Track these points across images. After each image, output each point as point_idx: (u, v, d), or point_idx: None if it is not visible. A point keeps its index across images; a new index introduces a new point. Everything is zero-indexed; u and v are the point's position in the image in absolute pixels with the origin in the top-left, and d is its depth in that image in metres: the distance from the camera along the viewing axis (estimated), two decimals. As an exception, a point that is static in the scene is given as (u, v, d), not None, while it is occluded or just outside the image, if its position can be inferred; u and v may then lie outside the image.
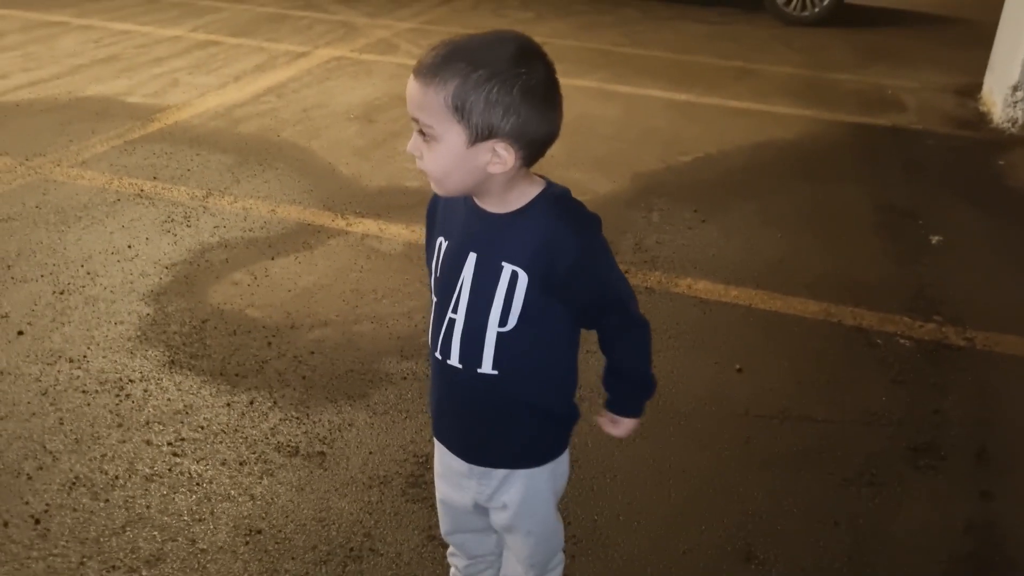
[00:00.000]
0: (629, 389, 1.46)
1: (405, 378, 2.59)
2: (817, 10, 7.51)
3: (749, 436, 2.42)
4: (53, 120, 4.54)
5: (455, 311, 1.29)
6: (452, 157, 1.17)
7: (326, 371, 2.62)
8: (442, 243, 1.33)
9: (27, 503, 2.07)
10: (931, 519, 2.15)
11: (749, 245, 3.53)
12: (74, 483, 2.14)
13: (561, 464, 1.48)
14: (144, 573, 1.90)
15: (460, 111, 1.14)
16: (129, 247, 3.28)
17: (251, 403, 2.46)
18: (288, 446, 2.30)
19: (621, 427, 1.47)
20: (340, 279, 3.14)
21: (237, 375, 2.57)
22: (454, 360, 1.32)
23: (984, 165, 4.56)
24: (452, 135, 1.16)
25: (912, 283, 3.29)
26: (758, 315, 3.03)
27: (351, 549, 1.99)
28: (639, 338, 1.40)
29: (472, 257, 1.27)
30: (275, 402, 2.47)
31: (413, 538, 2.02)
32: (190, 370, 2.59)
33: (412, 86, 1.17)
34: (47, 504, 2.07)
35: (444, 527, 1.64)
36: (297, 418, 2.41)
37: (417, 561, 1.96)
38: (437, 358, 1.35)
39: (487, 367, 1.30)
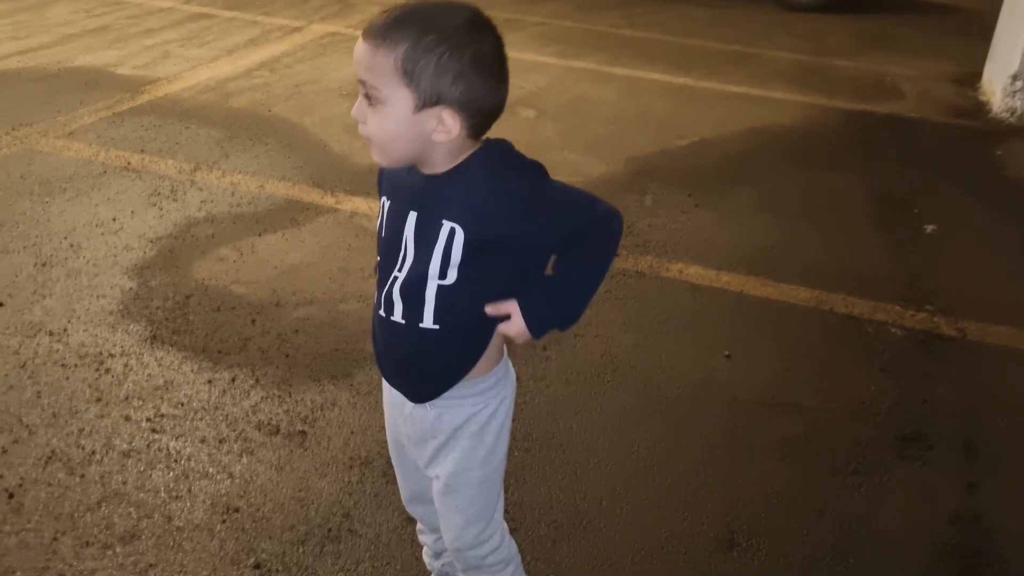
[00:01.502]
0: (557, 284, 1.29)
1: (390, 358, 2.56)
2: (818, -4, 7.45)
3: (736, 423, 2.40)
4: (41, 90, 4.47)
5: (400, 269, 1.28)
6: (397, 122, 1.16)
7: (310, 350, 2.58)
8: (385, 203, 1.32)
9: (1, 477, 2.04)
10: (917, 510, 2.13)
11: (743, 231, 3.50)
12: (50, 457, 2.11)
13: (497, 450, 1.43)
14: (118, 549, 1.87)
15: (409, 75, 1.12)
16: (114, 220, 3.24)
17: (233, 380, 2.43)
18: (269, 424, 2.27)
19: (511, 326, 1.29)
20: (327, 257, 3.10)
21: (219, 352, 2.54)
22: (397, 316, 1.30)
23: (981, 155, 4.53)
24: (399, 99, 1.14)
25: (905, 272, 3.26)
26: (749, 301, 3.00)
27: (329, 529, 1.96)
28: (603, 241, 1.31)
29: (412, 216, 1.25)
30: (257, 380, 2.43)
31: (392, 519, 1.99)
32: (172, 346, 2.55)
33: (360, 47, 1.15)
34: (21, 478, 2.04)
35: (403, 492, 1.63)
36: (279, 396, 2.38)
37: (396, 542, 1.94)
38: (381, 315, 1.34)
39: (428, 322, 1.28)
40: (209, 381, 2.42)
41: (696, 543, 1.99)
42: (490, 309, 1.29)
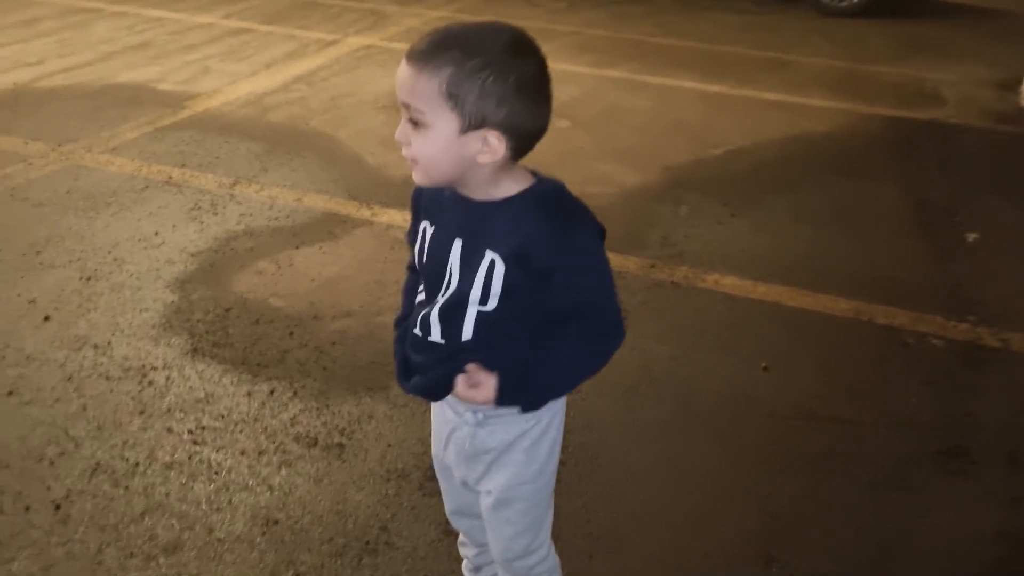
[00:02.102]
0: (537, 370, 1.30)
1: (426, 370, 2.58)
2: (855, 0, 7.37)
3: (773, 437, 2.38)
4: (85, 106, 4.58)
5: (443, 294, 1.30)
6: (442, 144, 1.16)
7: (347, 362, 2.61)
8: (427, 229, 1.32)
9: (49, 488, 2.09)
10: (959, 526, 2.10)
11: (779, 241, 3.47)
12: (95, 469, 2.15)
13: (549, 463, 1.45)
14: (161, 561, 1.91)
15: (454, 98, 1.13)
16: (156, 234, 3.30)
17: (271, 393, 2.46)
18: (307, 437, 2.30)
19: (481, 390, 1.28)
20: (364, 269, 3.13)
21: (258, 364, 2.58)
22: (435, 336, 1.32)
23: (1025, 161, 4.45)
24: (443, 122, 1.15)
25: (946, 282, 3.21)
26: (786, 312, 2.98)
27: (367, 542, 1.98)
28: (599, 340, 1.31)
29: (458, 243, 1.26)
30: (295, 392, 2.47)
31: (429, 532, 2.01)
32: (212, 358, 2.60)
33: (404, 71, 1.15)
34: (68, 490, 2.09)
35: (447, 505, 1.65)
36: (317, 409, 2.41)
37: (433, 555, 1.95)
38: (416, 334, 1.35)
39: (467, 337, 1.30)
40: (248, 393, 2.46)
41: (734, 559, 1.98)
42: (463, 378, 1.29)
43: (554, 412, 1.42)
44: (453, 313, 1.29)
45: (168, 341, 2.67)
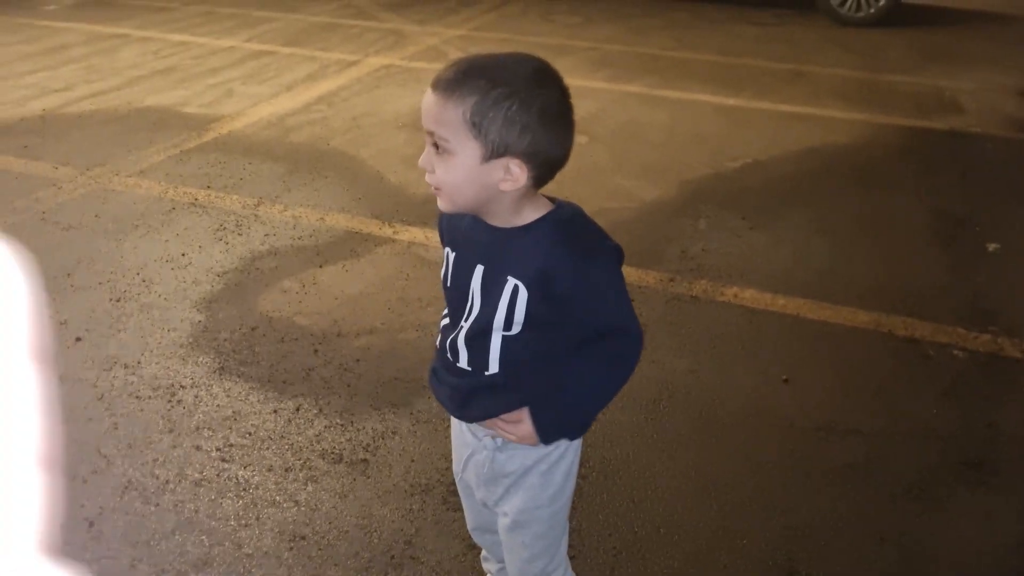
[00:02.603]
0: (568, 399, 1.34)
1: (448, 386, 2.61)
2: (872, 10, 7.37)
3: (794, 449, 2.39)
4: (113, 131, 4.68)
5: (466, 320, 1.33)
6: (465, 172, 1.19)
7: (371, 379, 2.65)
8: (450, 255, 1.36)
9: (82, 506, 2.14)
10: (982, 537, 2.10)
11: (798, 253, 3.48)
12: (127, 487, 2.21)
13: (565, 488, 1.47)
14: (192, 576, 1.95)
15: (477, 127, 1.15)
16: (183, 255, 3.37)
17: (297, 410, 2.51)
18: (332, 453, 2.34)
19: (520, 428, 1.34)
20: (386, 287, 3.18)
21: (284, 382, 2.63)
22: (463, 363, 1.36)
23: (1046, 169, 4.43)
24: (467, 150, 1.17)
25: (967, 292, 3.21)
26: (806, 325, 2.99)
27: (392, 556, 2.02)
28: (622, 361, 1.34)
29: (479, 269, 1.30)
30: (320, 409, 2.51)
31: (453, 547, 2.04)
32: (239, 377, 2.65)
33: (430, 99, 1.18)
34: (101, 508, 2.14)
35: (469, 521, 1.68)
36: (342, 425, 2.45)
37: (457, 570, 1.98)
38: (447, 359, 1.39)
39: (493, 369, 1.33)
40: (275, 411, 2.50)
41: (755, 572, 1.99)
42: (501, 422, 1.35)
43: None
44: (478, 340, 1.32)
45: (196, 360, 2.73)
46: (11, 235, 0.70)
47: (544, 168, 1.21)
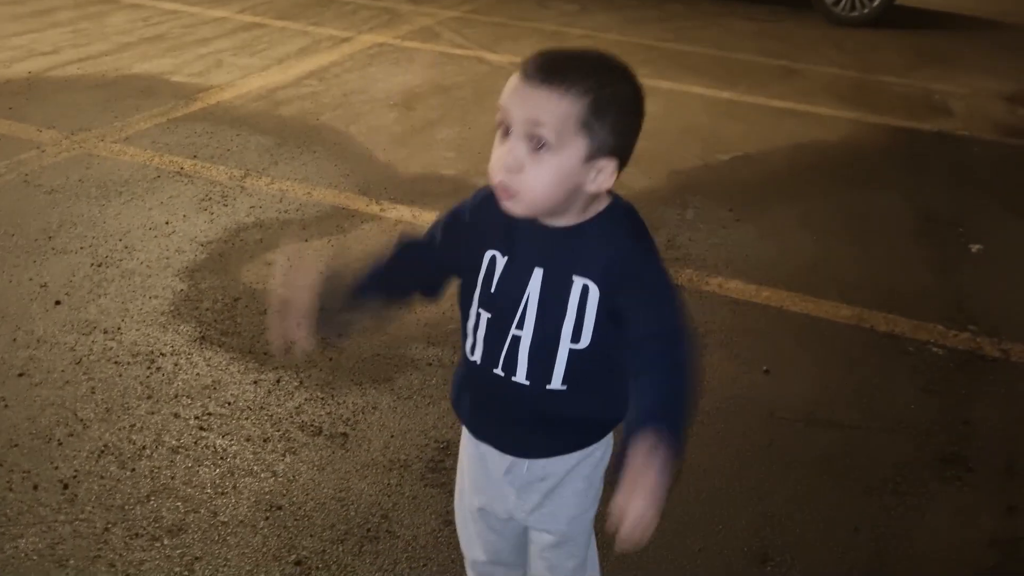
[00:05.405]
0: (676, 410, 1.14)
1: (431, 364, 2.61)
2: (867, 11, 7.38)
3: (772, 439, 2.40)
4: (99, 96, 4.62)
5: (519, 327, 1.22)
6: (563, 172, 1.12)
7: (353, 354, 2.64)
8: (496, 257, 1.24)
9: (56, 468, 2.12)
10: (955, 531, 2.12)
11: (784, 247, 3.49)
12: (103, 451, 2.19)
13: (601, 482, 1.42)
14: (166, 542, 1.94)
15: (588, 126, 1.10)
16: (167, 223, 3.34)
17: (278, 382, 2.49)
18: (312, 426, 2.33)
19: (657, 458, 1.05)
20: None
21: (265, 354, 2.61)
22: (520, 377, 1.24)
23: (1031, 175, 4.46)
24: (571, 149, 1.11)
25: (949, 292, 3.23)
26: (789, 317, 3.00)
27: (368, 530, 2.01)
28: (690, 361, 1.19)
29: (538, 272, 1.20)
30: (301, 382, 2.50)
31: (430, 522, 2.04)
32: (220, 347, 2.63)
33: (534, 92, 1.10)
34: (76, 470, 2.12)
35: (481, 556, 1.52)
36: (322, 399, 2.44)
37: (433, 545, 1.98)
38: (498, 375, 1.26)
39: (556, 383, 1.23)
40: (255, 382, 2.49)
41: (729, 557, 2.00)
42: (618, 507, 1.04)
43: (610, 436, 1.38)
44: (544, 353, 1.22)
45: (177, 328, 2.70)
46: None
47: (621, 168, 1.17)
